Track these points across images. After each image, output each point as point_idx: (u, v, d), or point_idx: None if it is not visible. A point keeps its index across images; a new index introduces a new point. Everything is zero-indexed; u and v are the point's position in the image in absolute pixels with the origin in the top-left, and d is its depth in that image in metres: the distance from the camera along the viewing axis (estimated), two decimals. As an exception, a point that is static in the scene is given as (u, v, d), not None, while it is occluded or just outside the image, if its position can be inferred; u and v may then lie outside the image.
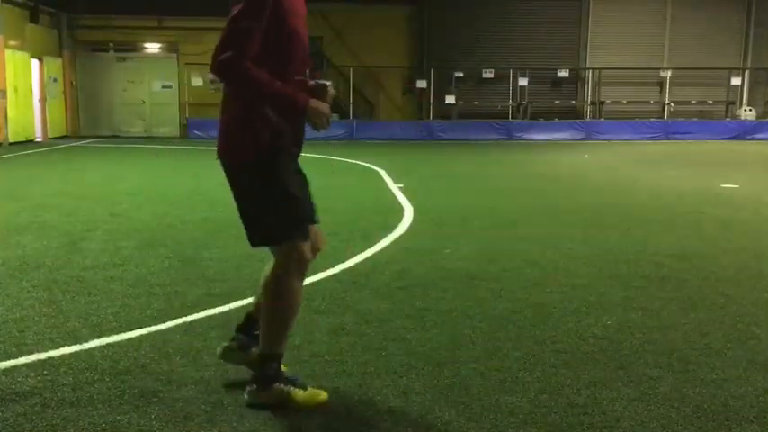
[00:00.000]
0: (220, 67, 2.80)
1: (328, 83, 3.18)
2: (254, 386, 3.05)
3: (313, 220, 3.10)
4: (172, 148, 18.78)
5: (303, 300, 3.15)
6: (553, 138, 23.32)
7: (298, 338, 3.83)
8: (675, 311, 4.41)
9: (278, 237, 3.00)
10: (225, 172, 3.04)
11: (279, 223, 2.97)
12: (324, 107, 3.00)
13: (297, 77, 3.01)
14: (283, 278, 3.02)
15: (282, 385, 3.03)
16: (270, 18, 2.84)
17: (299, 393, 3.04)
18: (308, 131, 3.14)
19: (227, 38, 2.81)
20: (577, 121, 24.79)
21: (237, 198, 3.05)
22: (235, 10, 2.84)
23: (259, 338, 3.09)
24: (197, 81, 23.61)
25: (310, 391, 3.08)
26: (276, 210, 2.96)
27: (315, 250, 3.14)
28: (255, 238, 3.05)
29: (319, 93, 3.09)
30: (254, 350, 3.20)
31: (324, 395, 3.08)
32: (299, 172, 3.10)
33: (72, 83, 23.93)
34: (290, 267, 3.01)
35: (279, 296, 3.02)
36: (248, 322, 3.31)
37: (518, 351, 3.70)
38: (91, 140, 21.70)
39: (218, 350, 3.32)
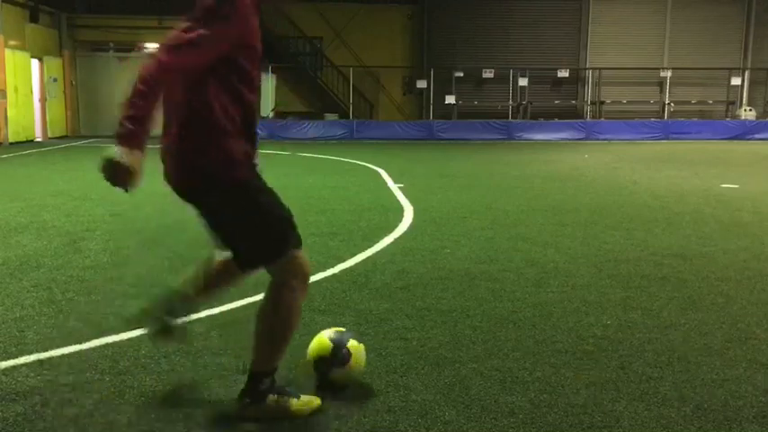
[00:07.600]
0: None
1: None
2: (247, 401, 2.91)
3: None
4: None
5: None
6: (553, 138, 23.32)
7: (298, 338, 3.82)
8: (675, 311, 4.40)
9: (272, 253, 2.81)
10: (190, 201, 2.81)
11: (270, 238, 2.80)
12: (136, 164, 2.43)
13: (252, 97, 2.77)
14: (285, 293, 2.86)
15: (276, 396, 2.90)
16: (235, 41, 2.63)
17: (293, 402, 2.92)
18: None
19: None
20: (577, 121, 24.80)
21: (215, 226, 2.84)
22: (194, 18, 2.59)
23: (252, 353, 2.94)
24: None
25: (303, 398, 2.96)
26: (264, 224, 2.79)
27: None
28: (249, 262, 2.88)
29: None
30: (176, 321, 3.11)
31: (318, 401, 2.98)
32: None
33: (72, 83, 23.94)
34: (291, 281, 2.86)
35: (278, 311, 2.86)
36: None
37: (518, 351, 3.70)
38: (91, 140, 21.69)
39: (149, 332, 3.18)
